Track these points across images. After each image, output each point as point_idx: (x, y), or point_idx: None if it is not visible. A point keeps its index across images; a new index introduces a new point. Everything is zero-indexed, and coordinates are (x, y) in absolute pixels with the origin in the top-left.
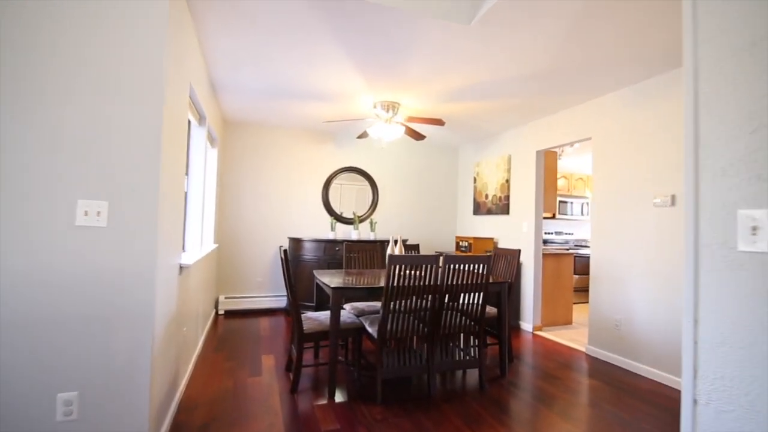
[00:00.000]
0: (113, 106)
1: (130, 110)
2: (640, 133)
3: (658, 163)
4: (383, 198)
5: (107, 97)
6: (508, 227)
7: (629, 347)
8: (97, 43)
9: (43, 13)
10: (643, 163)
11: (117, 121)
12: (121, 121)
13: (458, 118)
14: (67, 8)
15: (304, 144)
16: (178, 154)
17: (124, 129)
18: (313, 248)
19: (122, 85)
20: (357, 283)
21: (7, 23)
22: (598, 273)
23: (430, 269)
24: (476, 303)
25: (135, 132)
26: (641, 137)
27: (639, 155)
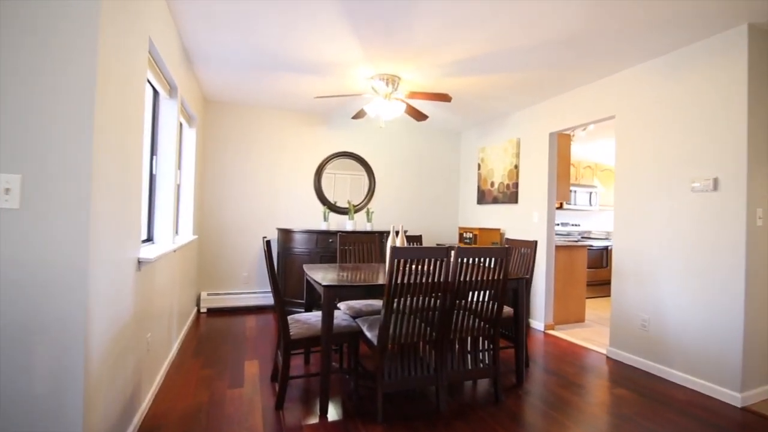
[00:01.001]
0: (24, 53)
1: (47, 59)
2: (673, 110)
3: (697, 142)
4: (380, 186)
5: (14, 39)
6: (516, 217)
7: (659, 350)
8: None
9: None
10: (677, 143)
11: (31, 73)
12: (37, 74)
13: (463, 97)
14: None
15: (295, 126)
16: (131, 124)
17: (40, 84)
18: (304, 240)
19: (37, 26)
20: (353, 279)
21: None
22: (621, 267)
23: (440, 264)
24: (492, 302)
25: (55, 88)
26: (675, 114)
27: (672, 135)
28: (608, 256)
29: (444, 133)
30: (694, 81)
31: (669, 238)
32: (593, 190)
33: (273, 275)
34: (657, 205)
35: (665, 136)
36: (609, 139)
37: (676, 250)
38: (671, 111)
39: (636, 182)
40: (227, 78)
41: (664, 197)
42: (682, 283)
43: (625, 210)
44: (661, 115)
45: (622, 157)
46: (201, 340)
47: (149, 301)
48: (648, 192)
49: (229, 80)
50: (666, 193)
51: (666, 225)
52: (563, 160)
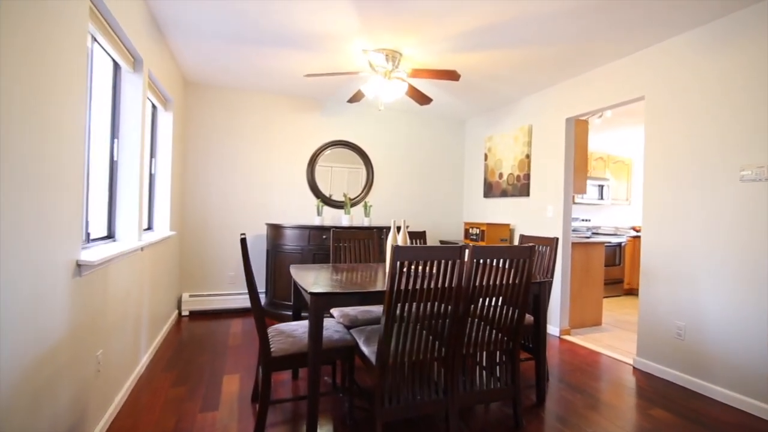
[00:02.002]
0: None
1: None
2: (717, 87)
3: (748, 124)
4: (379, 178)
5: None
6: (527, 211)
7: (697, 362)
8: None
9: None
10: (721, 126)
11: None
12: None
13: (470, 78)
14: None
15: (285, 112)
16: (61, 96)
17: None
18: (296, 236)
19: None
20: (348, 283)
21: None
22: (652, 267)
23: (452, 266)
24: (512, 310)
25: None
26: (719, 92)
27: (715, 116)
28: (621, 253)
29: (447, 121)
30: (745, 53)
31: (711, 235)
32: (605, 183)
33: (249, 278)
34: (695, 197)
35: (706, 118)
36: (624, 128)
37: (719, 248)
38: (714, 89)
39: (670, 171)
40: (207, 55)
41: (704, 188)
42: (726, 286)
43: (656, 203)
44: (701, 94)
45: (652, 143)
46: (178, 349)
47: (99, 312)
48: (684, 182)
49: (209, 58)
50: (707, 183)
51: (707, 220)
52: (580, 148)
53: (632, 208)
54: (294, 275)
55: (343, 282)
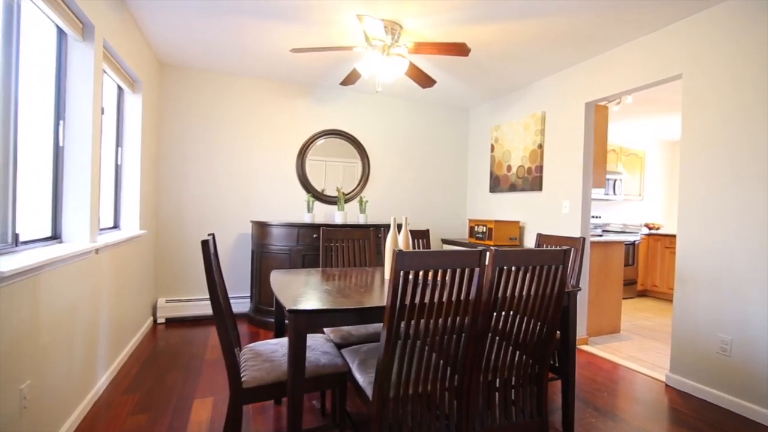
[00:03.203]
0: None
1: None
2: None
3: None
4: (376, 171)
5: None
6: (540, 207)
7: (746, 383)
8: None
9: None
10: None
11: None
12: None
13: (478, 57)
14: None
15: (272, 98)
16: None
17: None
18: (284, 235)
19: None
20: (339, 295)
21: None
22: (689, 272)
23: (470, 275)
24: (541, 327)
25: None
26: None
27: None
28: (635, 252)
29: (450, 108)
30: None
31: (765, 236)
32: (617, 177)
33: (211, 285)
34: (747, 191)
35: (761, 103)
36: (639, 118)
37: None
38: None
39: (713, 161)
40: (181, 30)
41: (759, 181)
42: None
43: (694, 199)
44: (755, 70)
45: (690, 129)
46: (147, 364)
47: (26, 334)
48: (731, 174)
49: (184, 34)
50: (762, 174)
51: (762, 218)
52: (600, 138)
53: (645, 204)
54: (274, 284)
55: (333, 293)
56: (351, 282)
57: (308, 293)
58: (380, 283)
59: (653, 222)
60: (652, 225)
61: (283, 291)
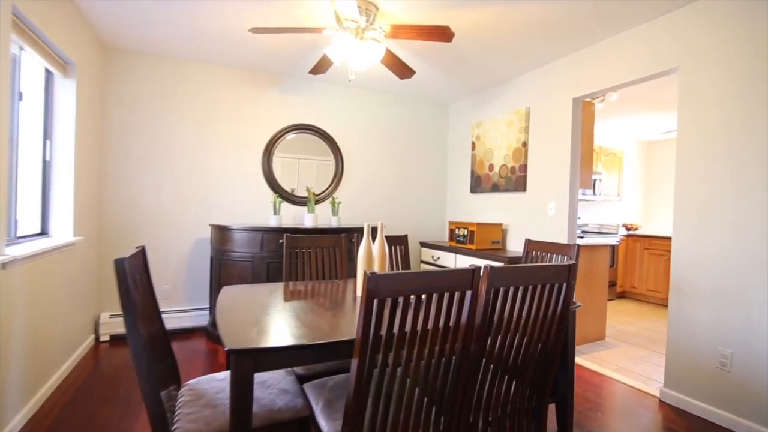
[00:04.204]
0: None
1: None
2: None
3: None
4: (350, 170)
5: None
6: (524, 209)
7: (748, 401)
8: None
9: None
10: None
11: None
12: None
13: (460, 47)
14: None
15: (234, 88)
16: None
17: None
18: (247, 240)
19: None
20: (300, 322)
21: None
22: (685, 280)
23: (459, 299)
24: (539, 353)
25: None
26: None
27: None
28: (615, 253)
29: (429, 103)
30: None
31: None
32: (597, 177)
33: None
34: (749, 193)
35: (763, 92)
36: (618, 117)
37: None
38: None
39: (712, 161)
40: (124, 2)
41: (761, 182)
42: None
43: (691, 200)
44: (757, 63)
45: (687, 127)
46: (76, 396)
47: None
48: (732, 174)
49: (128, 8)
50: (765, 179)
51: (765, 223)
52: (586, 135)
53: (623, 204)
54: (220, 307)
55: (293, 319)
56: (318, 301)
57: (261, 321)
58: (352, 302)
59: (631, 223)
60: (631, 226)
61: (228, 317)
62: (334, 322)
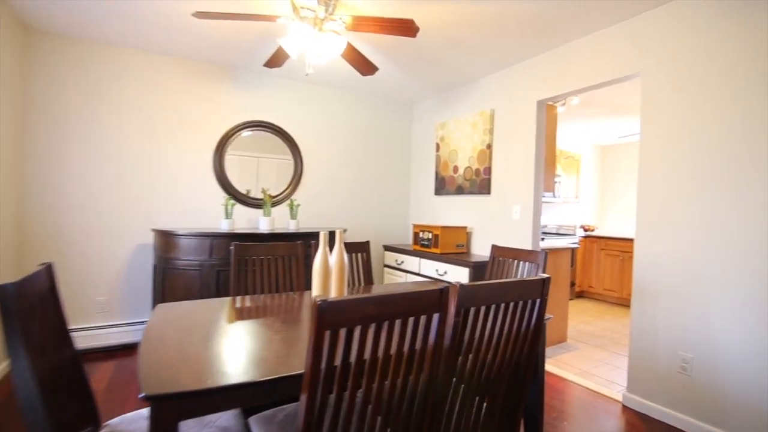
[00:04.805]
0: None
1: None
2: (743, 64)
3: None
4: (309, 170)
5: None
6: (489, 212)
7: (708, 404)
8: None
9: None
10: (749, 111)
11: None
12: None
13: (424, 44)
14: None
15: (182, 81)
16: None
17: None
18: (194, 247)
19: None
20: (242, 353)
21: None
22: (648, 284)
23: (426, 322)
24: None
25: None
26: (747, 70)
27: (738, 99)
28: (574, 254)
29: (392, 103)
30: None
31: (728, 246)
32: (557, 180)
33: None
34: (709, 198)
35: (727, 101)
36: (576, 121)
37: (743, 264)
38: (737, 65)
39: (674, 166)
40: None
41: (721, 188)
42: (750, 311)
43: (653, 204)
44: (718, 71)
45: (649, 132)
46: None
47: None
48: (693, 179)
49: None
50: (725, 181)
51: (727, 229)
52: (550, 139)
53: (580, 205)
54: (147, 334)
55: (235, 349)
56: (267, 322)
57: (194, 352)
58: (308, 321)
59: (588, 224)
60: (588, 227)
61: (153, 348)
62: (283, 350)
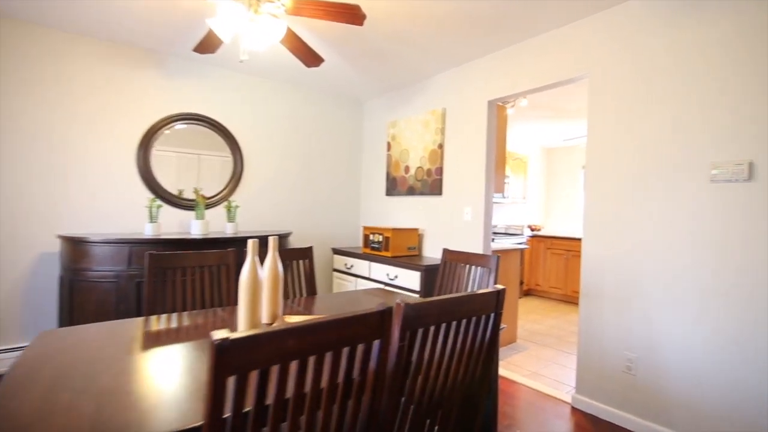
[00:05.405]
0: None
1: None
2: (685, 68)
3: (722, 114)
4: (251, 169)
5: None
6: (440, 214)
7: (652, 403)
8: None
9: None
10: (688, 115)
11: None
12: None
13: (373, 36)
14: None
15: (100, 65)
16: None
17: None
18: (109, 255)
19: None
20: (132, 402)
21: None
22: (594, 285)
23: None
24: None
25: None
26: (687, 74)
27: (680, 104)
28: (522, 255)
29: (342, 100)
30: (717, 26)
31: (670, 248)
32: (506, 181)
33: None
34: (652, 200)
35: (667, 107)
36: (524, 123)
37: (681, 264)
38: (679, 70)
39: (619, 170)
40: None
41: (664, 191)
42: (690, 310)
43: (599, 208)
44: (661, 75)
45: (596, 135)
46: None
47: None
48: (638, 183)
49: None
50: (667, 184)
51: (666, 229)
52: (500, 139)
53: (528, 206)
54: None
55: (125, 395)
56: (182, 351)
57: (63, 404)
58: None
59: (535, 224)
60: (534, 227)
61: (12, 394)
62: (187, 390)
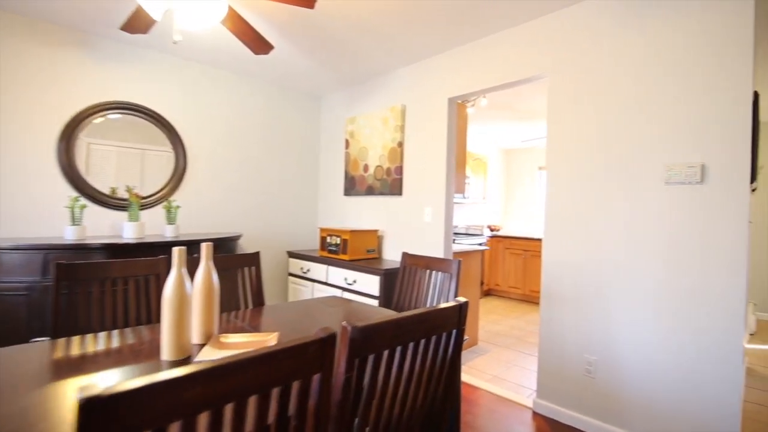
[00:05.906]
0: None
1: None
2: (641, 69)
3: (676, 116)
4: (195, 165)
5: None
6: (400, 215)
7: (611, 406)
8: None
9: None
10: (644, 116)
11: None
12: None
13: (331, 27)
14: None
15: (11, 42)
16: None
17: None
18: (20, 264)
19: None
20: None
21: None
22: (554, 288)
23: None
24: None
25: None
26: (644, 75)
27: (637, 105)
28: (483, 257)
29: (298, 94)
30: (672, 29)
31: (629, 249)
32: (467, 181)
33: None
34: (609, 202)
35: (625, 108)
36: (482, 123)
37: (639, 265)
38: (637, 71)
39: (577, 173)
40: None
41: (622, 193)
42: (647, 311)
43: (559, 211)
44: (620, 76)
45: (555, 136)
46: None
47: None
48: (596, 185)
49: None
50: (624, 185)
51: (624, 231)
52: (460, 139)
53: (487, 206)
54: None
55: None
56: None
57: None
58: None
59: (494, 224)
60: (494, 227)
61: None
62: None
